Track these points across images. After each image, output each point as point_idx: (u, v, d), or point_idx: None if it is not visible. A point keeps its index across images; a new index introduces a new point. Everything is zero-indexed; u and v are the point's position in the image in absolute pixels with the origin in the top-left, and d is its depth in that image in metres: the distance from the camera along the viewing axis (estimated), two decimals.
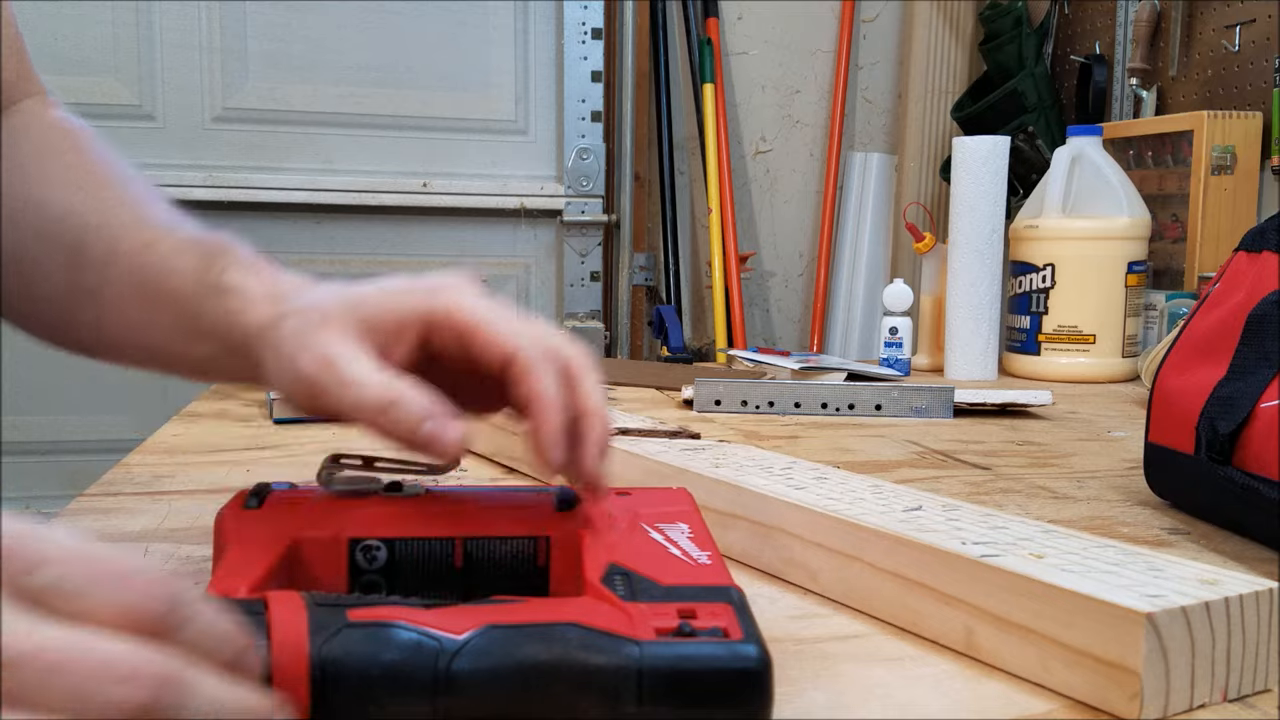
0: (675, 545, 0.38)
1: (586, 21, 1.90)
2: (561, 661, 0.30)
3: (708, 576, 0.35)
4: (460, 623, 0.30)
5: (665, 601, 0.33)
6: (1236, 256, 0.62)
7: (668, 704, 0.30)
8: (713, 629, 0.31)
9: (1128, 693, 0.33)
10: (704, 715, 0.30)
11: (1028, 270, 1.27)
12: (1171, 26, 1.55)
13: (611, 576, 0.34)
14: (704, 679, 0.30)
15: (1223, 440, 0.53)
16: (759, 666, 0.30)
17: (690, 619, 0.32)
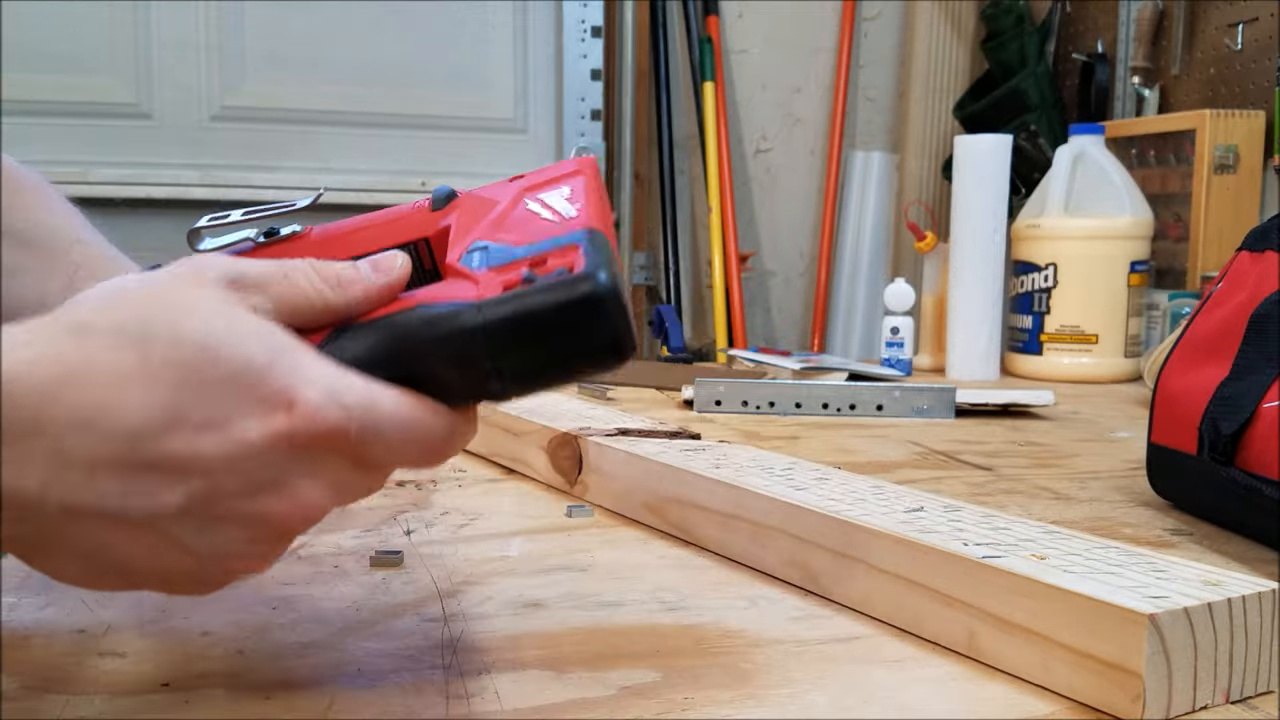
0: (549, 208, 0.36)
1: (586, 20, 1.90)
2: (407, 339, 0.31)
3: (568, 226, 0.34)
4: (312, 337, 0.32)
5: (517, 260, 0.33)
6: (1239, 256, 0.61)
7: (516, 351, 0.31)
8: (558, 271, 0.31)
9: (1130, 694, 0.33)
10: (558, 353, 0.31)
11: (1030, 270, 1.27)
12: (1174, 25, 1.55)
13: (470, 254, 0.34)
14: (543, 316, 0.30)
15: (1225, 441, 0.53)
16: (597, 288, 0.30)
17: (538, 267, 0.32)
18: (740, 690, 0.36)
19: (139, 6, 1.76)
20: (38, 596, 0.44)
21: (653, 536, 0.55)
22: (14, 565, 0.48)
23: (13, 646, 0.39)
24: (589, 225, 0.34)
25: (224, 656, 0.38)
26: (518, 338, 0.31)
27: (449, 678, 0.36)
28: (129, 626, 0.41)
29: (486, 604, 0.44)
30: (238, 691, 0.35)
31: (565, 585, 0.47)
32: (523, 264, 0.32)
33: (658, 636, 0.41)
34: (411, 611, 0.43)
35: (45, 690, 0.35)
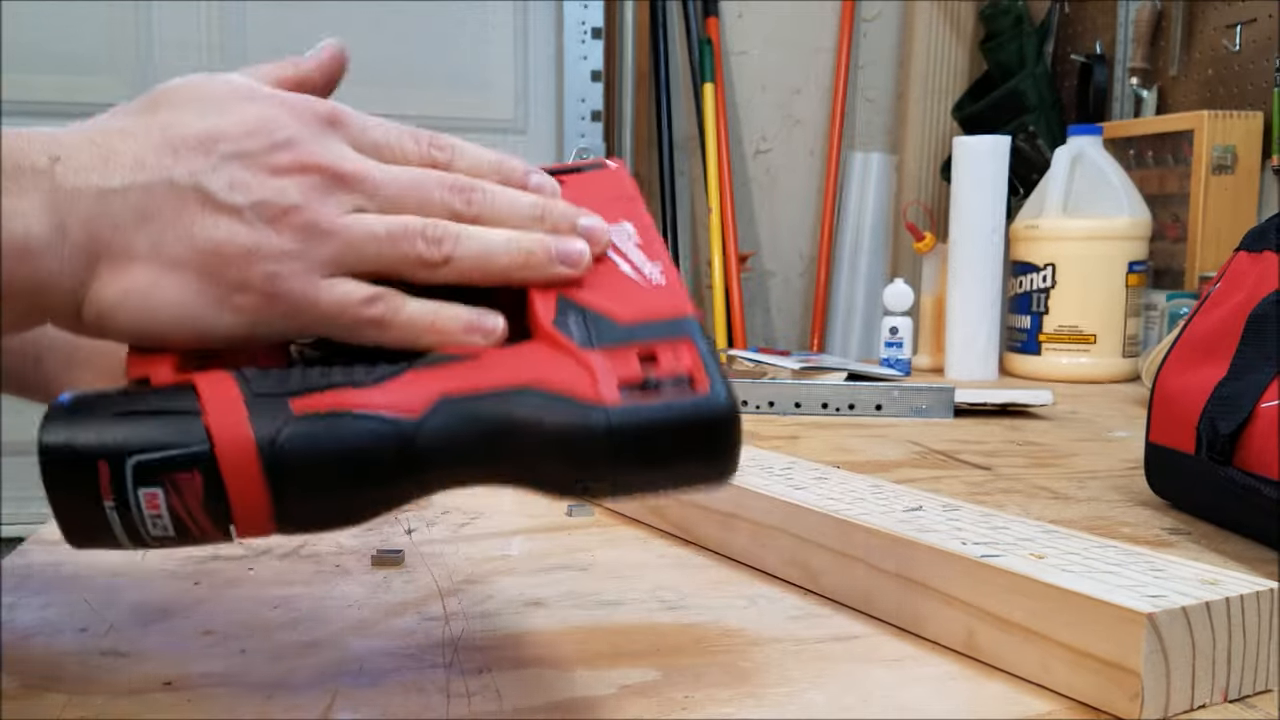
0: (625, 259, 0.34)
1: (586, 21, 1.90)
2: (525, 430, 0.28)
3: (664, 303, 0.32)
4: (412, 399, 0.29)
5: (625, 344, 0.31)
6: (1237, 256, 0.62)
7: (639, 464, 0.29)
8: (677, 378, 0.30)
9: (1128, 693, 0.33)
10: (677, 472, 0.29)
11: (1028, 270, 1.27)
12: (1172, 26, 1.55)
13: (565, 316, 0.32)
14: (674, 436, 0.29)
15: (1223, 440, 0.53)
16: (729, 413, 0.29)
17: (652, 363, 0.30)
18: (740, 689, 0.36)
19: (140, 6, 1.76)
20: (38, 596, 0.44)
21: (653, 536, 0.55)
22: (14, 564, 0.48)
23: (14, 645, 0.39)
24: (685, 311, 0.32)
25: (225, 655, 0.38)
26: (643, 454, 0.29)
27: (450, 676, 0.37)
28: (130, 625, 0.41)
29: (487, 603, 0.44)
30: (239, 690, 0.35)
31: (566, 584, 0.47)
32: (632, 351, 0.30)
33: (658, 635, 0.41)
34: (412, 610, 0.43)
35: (46, 689, 0.35)
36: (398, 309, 0.33)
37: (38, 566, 0.48)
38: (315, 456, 0.28)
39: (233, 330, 0.32)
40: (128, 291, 0.31)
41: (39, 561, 0.49)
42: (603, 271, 0.34)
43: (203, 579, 0.47)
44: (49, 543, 0.51)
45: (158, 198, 0.31)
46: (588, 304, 0.32)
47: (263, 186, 0.32)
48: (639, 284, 0.33)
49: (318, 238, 0.32)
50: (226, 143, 0.32)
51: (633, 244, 0.35)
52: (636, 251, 0.35)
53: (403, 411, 0.29)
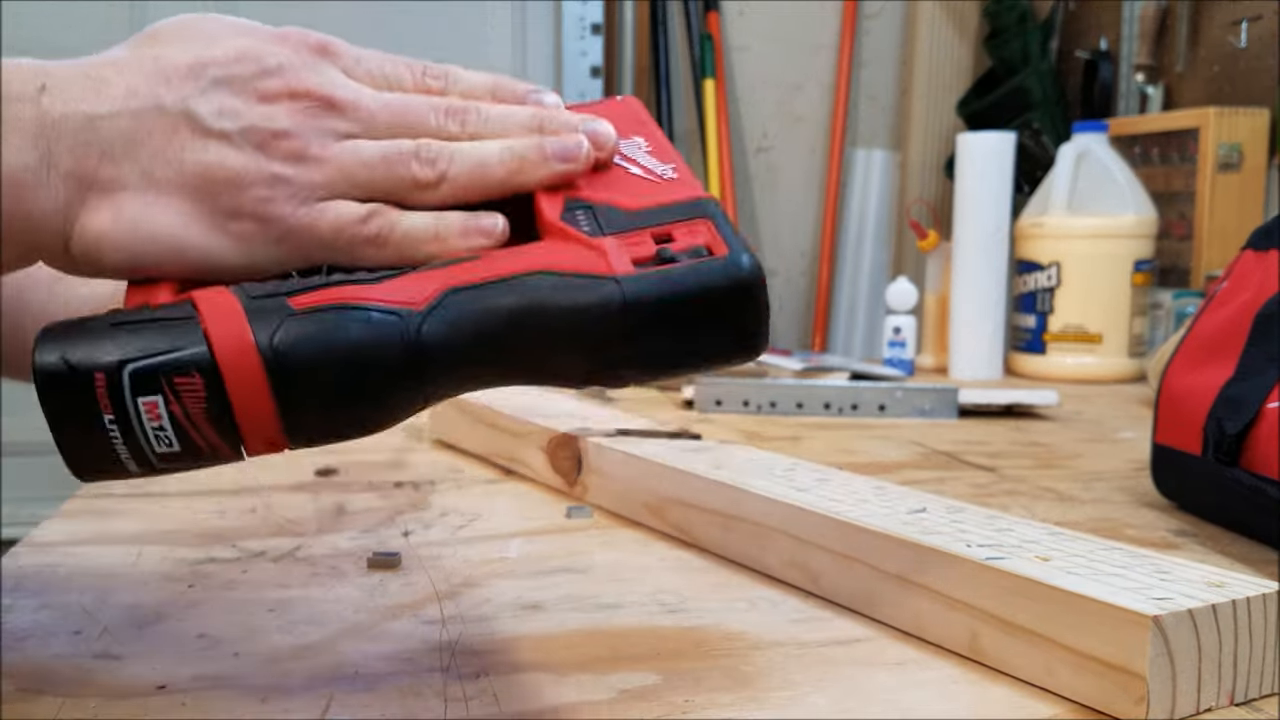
0: (634, 163, 0.33)
1: (586, 17, 1.90)
2: (534, 312, 0.27)
3: (677, 191, 0.31)
4: (415, 291, 0.28)
5: (638, 228, 0.29)
6: (1244, 255, 0.61)
7: (657, 335, 0.27)
8: (694, 249, 0.29)
9: (1134, 696, 0.33)
10: (699, 341, 0.28)
11: (1033, 269, 1.27)
12: (1177, 22, 1.54)
13: (573, 212, 0.30)
14: (692, 300, 0.27)
15: (1230, 441, 0.53)
16: (751, 276, 0.28)
17: (667, 242, 0.29)
18: (741, 693, 0.36)
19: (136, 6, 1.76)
20: (34, 598, 0.44)
21: (653, 538, 0.55)
22: (8, 567, 0.48)
23: (8, 648, 0.39)
24: (701, 193, 0.31)
25: (220, 658, 0.38)
26: (662, 321, 0.28)
27: (447, 680, 0.36)
28: (124, 628, 0.41)
29: (485, 606, 0.44)
30: (233, 694, 0.35)
31: (564, 587, 0.46)
32: (644, 234, 0.29)
33: (658, 638, 0.41)
34: (409, 613, 0.43)
35: (40, 692, 0.35)
36: (395, 223, 0.32)
37: (32, 569, 0.48)
38: (317, 351, 0.27)
39: (228, 258, 0.32)
40: (117, 220, 0.31)
41: (33, 564, 0.48)
42: (612, 176, 0.33)
43: (197, 582, 0.46)
44: (43, 545, 0.51)
45: (147, 123, 0.31)
46: (596, 200, 0.31)
47: (251, 112, 0.32)
48: (650, 180, 0.32)
49: (309, 163, 0.32)
50: (216, 68, 0.32)
51: (644, 153, 0.34)
52: (648, 158, 0.33)
53: (406, 303, 0.28)
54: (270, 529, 0.54)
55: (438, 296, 0.28)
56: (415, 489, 0.64)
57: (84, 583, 0.46)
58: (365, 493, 0.63)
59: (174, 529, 0.54)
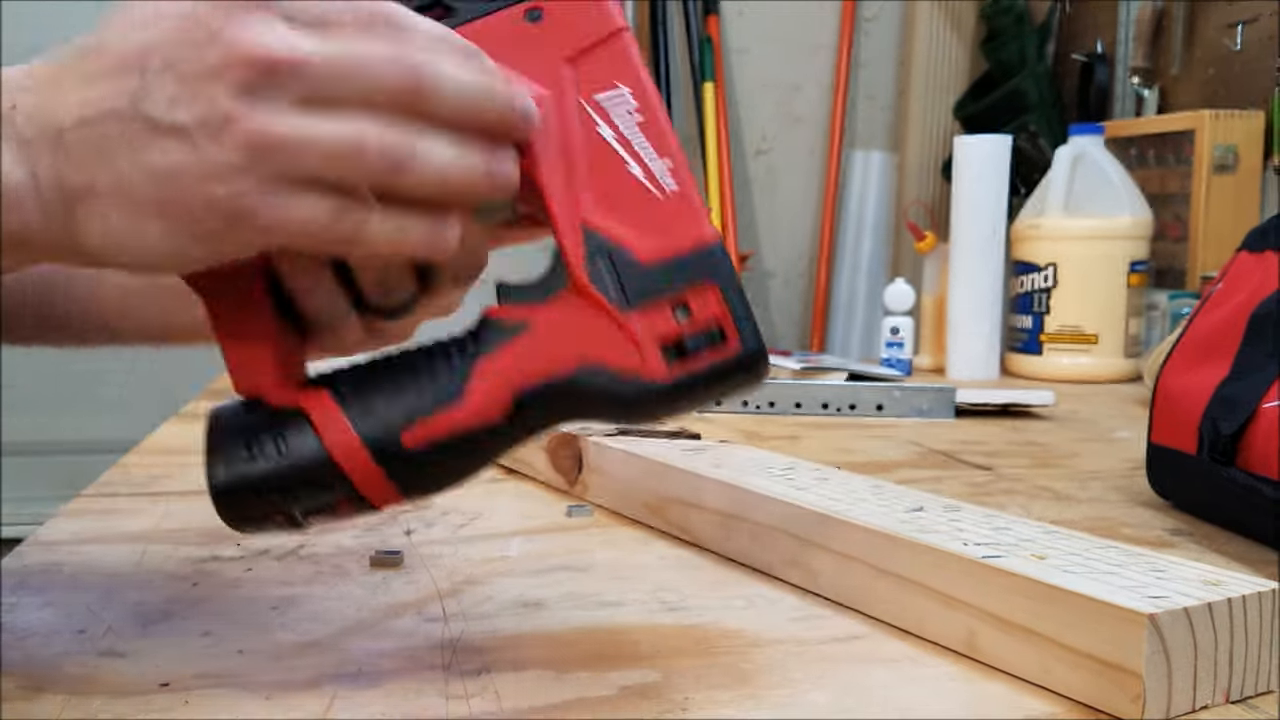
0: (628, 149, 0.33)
1: None
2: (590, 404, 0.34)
3: (684, 231, 0.33)
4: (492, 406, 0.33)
5: (657, 297, 0.33)
6: (1239, 256, 0.61)
7: (682, 409, 0.34)
8: (710, 334, 0.33)
9: (1130, 694, 0.33)
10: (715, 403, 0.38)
11: (1030, 270, 1.27)
12: (1173, 25, 1.55)
13: (593, 261, 0.33)
14: (715, 389, 0.34)
15: (1225, 441, 0.53)
16: (763, 363, 0.34)
17: (685, 313, 0.33)
18: (740, 690, 0.36)
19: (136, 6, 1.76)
20: (38, 596, 0.44)
21: (653, 536, 0.55)
22: (12, 566, 0.48)
23: (12, 646, 0.39)
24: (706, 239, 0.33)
25: (224, 656, 0.38)
26: (688, 405, 0.34)
27: (449, 678, 0.36)
28: (129, 626, 0.41)
29: (486, 604, 0.44)
30: (237, 692, 0.35)
31: (565, 585, 0.47)
32: (664, 305, 0.33)
33: (658, 636, 0.41)
34: (411, 611, 0.43)
35: (44, 690, 0.35)
36: (360, 225, 0.31)
37: (36, 567, 0.48)
38: (433, 470, 0.35)
39: (211, 257, 0.31)
40: (105, 233, 0.31)
41: (37, 562, 0.49)
42: (612, 174, 0.33)
43: (201, 580, 0.47)
44: (47, 544, 0.51)
45: (109, 131, 0.30)
46: (609, 234, 0.33)
47: (197, 97, 0.30)
48: (653, 195, 0.33)
49: (262, 151, 0.30)
50: (155, 55, 0.30)
51: (635, 125, 0.34)
52: (639, 136, 0.34)
53: (490, 420, 0.34)
54: None
55: (512, 405, 0.34)
56: None
57: (88, 581, 0.46)
58: None
59: (178, 527, 0.55)
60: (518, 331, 0.34)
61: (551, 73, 0.34)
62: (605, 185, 0.33)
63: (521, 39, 0.34)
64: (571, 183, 0.33)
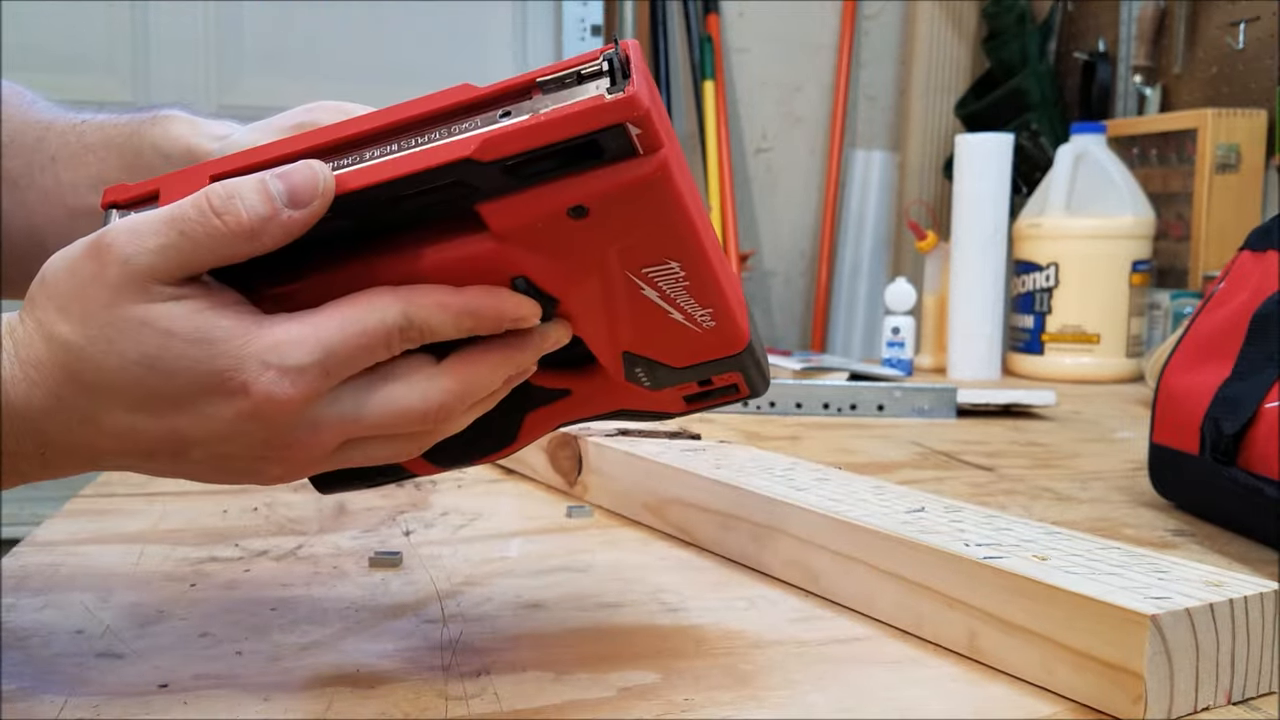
0: (674, 306, 0.35)
1: (586, 19, 1.90)
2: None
3: (717, 346, 0.36)
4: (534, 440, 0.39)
5: (687, 380, 0.38)
6: (1241, 255, 0.61)
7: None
8: (725, 388, 0.38)
9: (1132, 695, 0.33)
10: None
11: (1031, 269, 1.27)
12: (1175, 24, 1.55)
13: (632, 369, 0.37)
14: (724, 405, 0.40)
15: (1227, 441, 0.53)
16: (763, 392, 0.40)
17: (708, 382, 0.38)
18: (741, 691, 0.36)
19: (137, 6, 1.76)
20: (36, 597, 0.44)
21: (653, 537, 0.55)
22: (11, 566, 0.48)
23: (11, 647, 0.39)
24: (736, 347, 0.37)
25: (222, 657, 0.38)
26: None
27: (448, 678, 0.36)
28: (127, 627, 0.41)
29: (486, 605, 0.44)
30: (236, 692, 0.35)
31: (565, 586, 0.47)
32: (691, 383, 0.38)
33: (658, 637, 0.41)
34: (411, 612, 0.43)
35: (43, 691, 0.35)
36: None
37: (35, 568, 0.48)
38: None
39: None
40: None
41: (36, 563, 0.48)
42: (654, 321, 0.35)
43: (199, 581, 0.46)
44: (46, 545, 0.51)
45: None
46: (646, 355, 0.37)
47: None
48: (691, 330, 0.36)
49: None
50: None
51: (681, 288, 0.34)
52: (685, 295, 0.34)
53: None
54: (272, 528, 0.55)
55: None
56: (416, 488, 0.64)
57: (86, 582, 0.46)
58: (366, 492, 0.63)
59: (176, 528, 0.54)
60: (562, 396, 0.38)
61: (598, 256, 0.33)
62: (647, 329, 0.36)
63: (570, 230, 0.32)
64: (615, 331, 0.36)
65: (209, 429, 0.32)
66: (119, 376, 0.31)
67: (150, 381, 0.31)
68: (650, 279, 0.34)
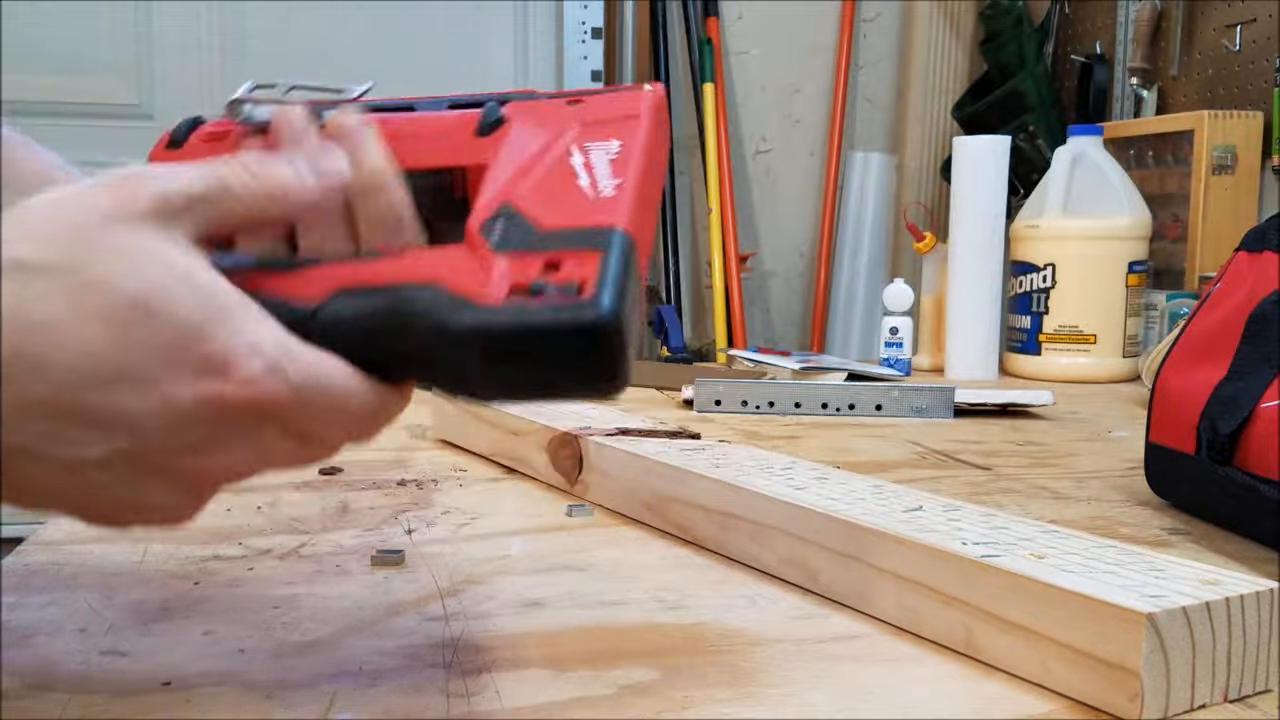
0: (589, 172, 0.34)
1: (586, 21, 1.90)
2: (403, 326, 0.31)
3: (597, 215, 0.32)
4: (314, 288, 0.32)
5: (536, 250, 0.31)
6: (1237, 256, 0.62)
7: (507, 364, 0.30)
8: (566, 285, 0.30)
9: (1128, 693, 0.33)
10: (548, 376, 0.30)
11: (1028, 270, 1.27)
12: (1172, 26, 1.55)
13: (494, 220, 0.33)
14: (538, 338, 0.30)
15: (1223, 440, 0.53)
16: (601, 323, 0.29)
17: (552, 271, 0.31)
18: (740, 689, 0.36)
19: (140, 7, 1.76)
20: (40, 595, 0.44)
21: (653, 536, 0.55)
22: (14, 565, 0.48)
23: (14, 645, 0.39)
24: (616, 224, 0.32)
25: (225, 655, 0.38)
26: (511, 353, 0.30)
27: (450, 676, 0.37)
28: (131, 625, 0.41)
29: (487, 603, 0.44)
30: (239, 690, 0.35)
31: (566, 584, 0.47)
32: (539, 259, 0.31)
33: (658, 635, 0.41)
34: (412, 610, 0.43)
35: (46, 689, 0.35)
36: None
37: (38, 566, 0.48)
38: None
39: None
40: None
41: (39, 561, 0.49)
42: (556, 181, 0.34)
43: (202, 579, 0.47)
44: (49, 543, 0.52)
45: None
46: (522, 209, 0.33)
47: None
48: (585, 196, 0.34)
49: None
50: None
51: (606, 159, 0.35)
52: (605, 167, 0.34)
53: (303, 298, 0.32)
54: (275, 527, 0.55)
55: (328, 295, 0.32)
56: (418, 487, 0.65)
57: (90, 580, 0.46)
58: (369, 491, 0.63)
59: None
60: (382, 254, 0.33)
61: (562, 127, 0.36)
62: (547, 189, 0.34)
63: (559, 112, 0.37)
64: (515, 182, 0.34)
65: (155, 414, 0.29)
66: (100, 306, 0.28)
67: (129, 325, 0.28)
68: (586, 150, 0.35)
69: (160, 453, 0.30)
